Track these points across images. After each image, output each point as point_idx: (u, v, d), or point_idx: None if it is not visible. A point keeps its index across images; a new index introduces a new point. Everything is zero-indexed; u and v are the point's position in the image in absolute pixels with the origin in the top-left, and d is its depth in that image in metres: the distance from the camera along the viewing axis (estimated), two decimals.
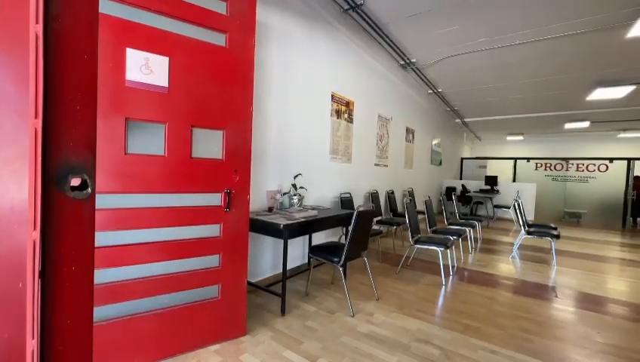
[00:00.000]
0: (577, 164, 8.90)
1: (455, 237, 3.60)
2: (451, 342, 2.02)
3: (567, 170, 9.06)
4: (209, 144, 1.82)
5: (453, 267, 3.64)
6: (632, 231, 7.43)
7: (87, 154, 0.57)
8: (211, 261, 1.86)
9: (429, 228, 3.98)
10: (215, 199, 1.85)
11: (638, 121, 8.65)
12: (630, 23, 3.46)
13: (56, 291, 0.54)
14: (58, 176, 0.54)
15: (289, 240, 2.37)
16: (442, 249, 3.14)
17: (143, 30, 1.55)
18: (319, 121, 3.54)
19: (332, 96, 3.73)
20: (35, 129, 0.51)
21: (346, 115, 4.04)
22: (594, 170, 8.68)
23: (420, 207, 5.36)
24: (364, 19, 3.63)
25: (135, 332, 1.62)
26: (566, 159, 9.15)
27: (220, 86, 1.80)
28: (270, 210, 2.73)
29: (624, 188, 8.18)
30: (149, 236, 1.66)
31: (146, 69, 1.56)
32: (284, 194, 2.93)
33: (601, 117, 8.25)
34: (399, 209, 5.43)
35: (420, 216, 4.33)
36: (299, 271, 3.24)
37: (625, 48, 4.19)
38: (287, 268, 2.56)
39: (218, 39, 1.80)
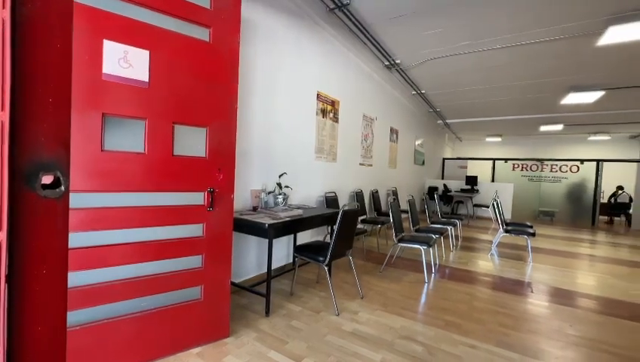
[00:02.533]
0: (551, 165, 9.33)
1: (437, 236, 3.68)
2: (434, 338, 2.06)
3: (541, 170, 9.48)
4: (192, 142, 1.77)
5: (435, 265, 3.72)
6: (600, 228, 7.85)
7: (61, 150, 0.54)
8: (194, 261, 1.82)
9: (412, 226, 4.05)
10: (198, 198, 1.80)
11: (607, 124, 9.15)
12: (600, 32, 3.64)
13: (25, 296, 0.50)
14: (28, 173, 0.50)
15: (274, 240, 2.35)
16: (425, 247, 3.21)
17: (121, 21, 1.48)
18: (305, 119, 3.52)
19: (317, 95, 3.72)
20: (2, 122, 0.47)
21: (331, 115, 4.04)
22: (566, 171, 9.13)
23: (404, 206, 5.44)
24: (350, 19, 3.64)
25: (112, 336, 1.55)
26: (541, 160, 9.57)
27: (203, 82, 1.75)
28: (255, 209, 2.70)
29: (594, 188, 8.64)
30: (128, 236, 1.60)
31: (125, 62, 1.49)
32: (269, 193, 2.90)
33: (573, 120, 8.66)
34: (383, 208, 5.50)
35: (403, 215, 4.40)
36: (284, 270, 3.22)
37: (596, 55, 4.41)
38: (272, 268, 2.54)
39: (201, 34, 1.76)
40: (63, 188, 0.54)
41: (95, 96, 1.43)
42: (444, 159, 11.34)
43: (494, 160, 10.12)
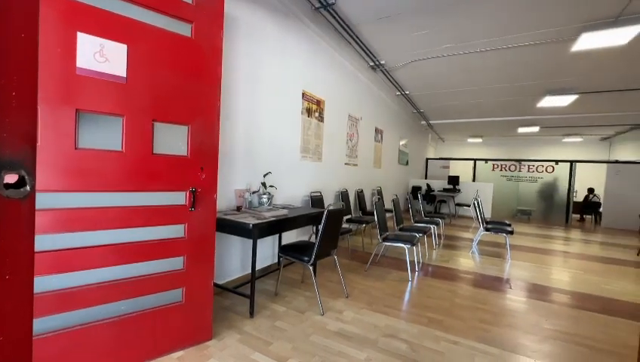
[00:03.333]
0: (528, 166, 9.70)
1: (420, 235, 3.75)
2: (417, 335, 2.09)
3: (519, 170, 9.84)
4: (173, 140, 1.72)
5: (418, 263, 3.79)
6: (573, 226, 8.22)
7: (26, 148, 0.50)
8: (175, 263, 1.76)
9: (397, 225, 4.10)
10: (179, 198, 1.75)
11: (579, 127, 9.59)
12: (574, 38, 3.81)
13: None
14: None
15: (258, 240, 2.32)
16: (409, 246, 3.25)
17: (97, 14, 1.42)
18: (290, 119, 3.50)
19: (303, 94, 3.71)
20: None
21: (316, 114, 4.03)
22: (542, 171, 9.51)
23: (388, 205, 5.51)
24: (336, 19, 3.65)
25: (88, 342, 1.48)
26: (519, 161, 9.93)
27: (184, 79, 1.71)
28: (239, 209, 2.66)
29: (567, 188, 9.05)
30: (105, 238, 1.53)
31: (101, 56, 1.43)
32: (254, 192, 2.86)
33: (548, 123, 9.03)
34: (368, 207, 5.54)
35: (388, 215, 4.45)
36: (268, 270, 3.18)
37: (570, 61, 4.61)
38: (257, 269, 2.51)
39: (183, 29, 1.71)
40: (28, 187, 0.51)
41: (68, 91, 1.37)
42: (427, 159, 11.56)
43: (475, 160, 10.41)
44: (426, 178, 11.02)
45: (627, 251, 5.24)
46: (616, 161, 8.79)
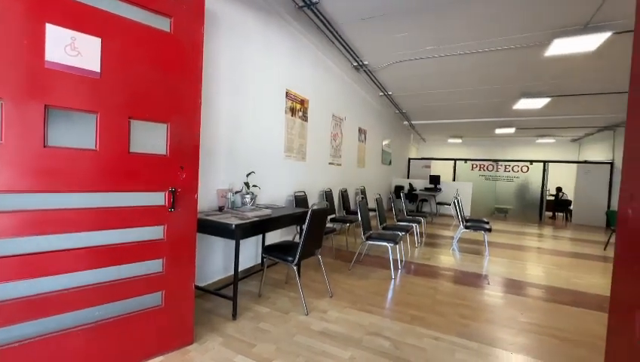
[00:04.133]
0: (505, 166, 10.09)
1: (403, 233, 3.81)
2: (400, 332, 2.12)
3: (496, 170, 10.22)
4: (151, 138, 1.66)
5: (401, 261, 3.85)
6: (547, 223, 8.62)
7: None
8: (154, 266, 1.71)
9: (380, 224, 4.16)
10: (158, 198, 1.69)
11: (552, 128, 10.05)
12: (547, 44, 3.98)
13: None
14: None
15: (241, 241, 2.28)
16: (392, 244, 3.30)
17: (67, 5, 1.35)
18: (273, 118, 3.46)
19: (287, 93, 3.68)
20: None
21: (300, 113, 4.02)
22: (518, 171, 9.92)
23: (372, 204, 5.57)
24: (319, 18, 3.64)
25: (59, 352, 1.41)
26: (496, 161, 10.31)
27: (163, 75, 1.65)
28: (221, 209, 2.60)
29: (541, 187, 9.48)
30: (79, 241, 1.46)
31: (72, 49, 1.36)
32: (236, 192, 2.81)
33: (524, 124, 9.41)
34: (352, 207, 5.58)
35: (371, 214, 4.49)
36: (252, 271, 3.14)
37: (544, 65, 4.82)
38: (240, 270, 2.47)
39: (162, 24, 1.65)
40: None
41: (36, 86, 1.29)
42: (409, 159, 11.78)
43: (455, 160, 10.71)
44: (408, 177, 11.22)
45: (595, 246, 5.54)
46: (585, 161, 9.29)
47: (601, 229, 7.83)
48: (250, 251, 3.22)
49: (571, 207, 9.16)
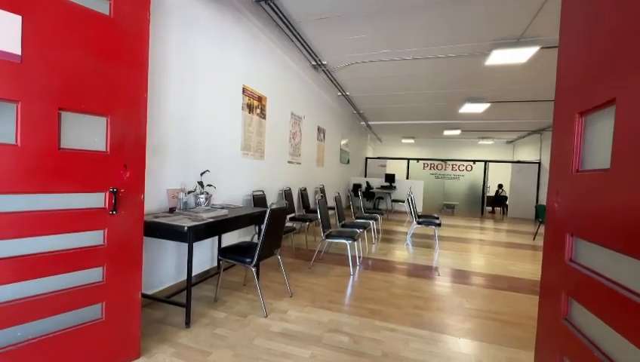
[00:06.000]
0: (452, 165, 10.93)
1: (361, 230, 3.91)
2: (358, 327, 2.17)
3: (445, 169, 11.02)
4: (87, 132, 1.48)
5: (359, 257, 3.95)
6: (487, 217, 9.50)
7: None
8: (92, 275, 1.53)
9: (339, 222, 4.22)
10: (97, 200, 1.52)
11: (491, 131, 11.09)
12: (487, 54, 4.37)
13: None
14: None
15: (195, 243, 2.15)
16: (350, 242, 3.37)
17: None
18: (229, 114, 3.32)
19: (243, 89, 3.56)
20: None
21: (258, 110, 3.91)
22: (463, 170, 10.80)
23: (331, 203, 5.64)
24: (277, 14, 3.58)
25: None
26: (444, 160, 11.11)
27: (102, 63, 1.48)
28: (172, 210, 2.43)
29: (482, 184, 10.43)
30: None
31: None
32: (189, 192, 2.65)
33: (468, 126, 10.25)
34: (312, 205, 5.60)
35: (330, 212, 4.55)
36: (207, 275, 2.99)
37: (485, 73, 5.28)
38: (194, 274, 2.33)
39: (100, 6, 1.48)
40: None
41: None
42: (366, 158, 12.17)
43: (409, 159, 11.32)
44: (365, 176, 11.59)
45: (526, 237, 6.24)
46: (519, 161, 10.43)
47: (531, 221, 8.84)
48: (205, 254, 3.06)
49: (507, 203, 10.22)
